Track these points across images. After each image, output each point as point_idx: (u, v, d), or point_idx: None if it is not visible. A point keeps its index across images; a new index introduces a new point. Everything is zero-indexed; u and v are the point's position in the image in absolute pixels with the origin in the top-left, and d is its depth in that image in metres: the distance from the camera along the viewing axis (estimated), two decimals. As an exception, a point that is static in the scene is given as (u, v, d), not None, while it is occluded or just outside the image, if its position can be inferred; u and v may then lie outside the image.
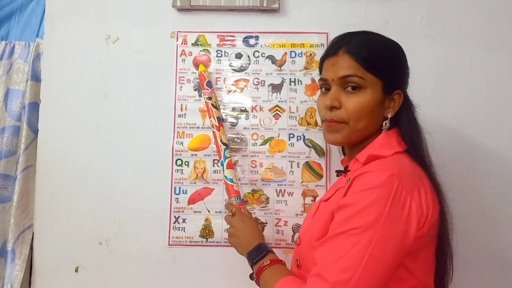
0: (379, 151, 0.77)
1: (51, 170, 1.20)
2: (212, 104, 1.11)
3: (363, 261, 0.64)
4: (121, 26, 1.23)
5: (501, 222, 1.15)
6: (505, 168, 1.16)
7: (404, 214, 0.67)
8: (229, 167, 1.05)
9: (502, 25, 1.18)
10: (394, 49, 0.83)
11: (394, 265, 0.67)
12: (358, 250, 0.65)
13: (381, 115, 0.81)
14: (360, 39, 0.80)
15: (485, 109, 1.17)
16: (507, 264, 1.14)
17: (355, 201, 0.69)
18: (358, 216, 0.67)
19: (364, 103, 0.78)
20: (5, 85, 1.29)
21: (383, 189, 0.68)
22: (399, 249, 0.67)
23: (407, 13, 1.19)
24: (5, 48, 1.30)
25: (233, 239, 0.93)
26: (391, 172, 0.69)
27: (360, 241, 0.66)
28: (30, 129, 1.26)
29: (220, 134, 1.08)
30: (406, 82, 0.85)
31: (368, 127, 0.80)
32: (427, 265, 0.76)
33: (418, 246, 0.70)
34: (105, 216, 1.19)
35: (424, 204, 0.70)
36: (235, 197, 1.02)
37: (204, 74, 1.13)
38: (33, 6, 1.30)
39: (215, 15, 1.22)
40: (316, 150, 1.18)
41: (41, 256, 1.19)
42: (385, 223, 0.66)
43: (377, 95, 0.78)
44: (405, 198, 0.68)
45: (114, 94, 1.22)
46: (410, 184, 0.70)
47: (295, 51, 1.21)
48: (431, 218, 0.70)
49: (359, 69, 0.78)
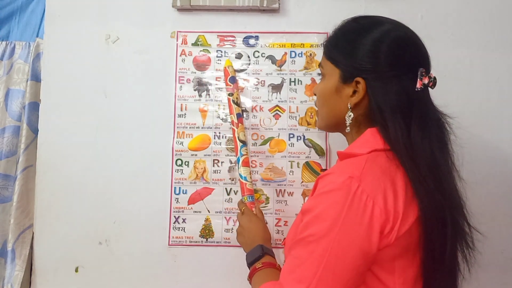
0: (355, 149, 0.72)
1: (51, 170, 1.20)
2: (233, 100, 1.09)
3: (319, 271, 0.61)
4: (121, 26, 1.23)
5: (501, 222, 1.15)
6: (505, 168, 1.16)
7: (365, 220, 0.61)
8: (244, 164, 1.04)
9: (502, 25, 1.19)
10: (353, 34, 0.75)
11: (354, 274, 0.62)
12: (314, 259, 0.62)
13: (342, 104, 0.75)
14: (334, 29, 0.81)
15: (485, 109, 1.17)
16: (507, 264, 1.14)
17: (313, 205, 0.66)
18: (314, 222, 0.64)
19: (320, 90, 0.80)
20: (5, 85, 1.29)
21: (339, 193, 0.63)
22: (359, 257, 0.62)
23: (407, 13, 1.19)
24: (6, 49, 1.30)
25: (239, 238, 0.93)
26: (351, 174, 0.64)
27: (316, 249, 0.62)
28: (30, 129, 1.26)
29: (239, 131, 1.07)
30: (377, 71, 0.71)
31: (330, 114, 0.79)
32: (407, 279, 0.67)
33: (389, 257, 0.65)
34: (105, 216, 1.19)
35: (391, 208, 0.62)
36: (248, 195, 1.01)
37: (228, 70, 1.12)
38: (33, 6, 1.30)
39: (215, 15, 1.22)
40: (316, 150, 1.18)
41: (41, 256, 1.19)
42: (341, 230, 0.61)
43: (331, 82, 0.76)
44: (366, 202, 0.62)
45: (114, 94, 1.22)
46: (373, 186, 0.63)
47: (295, 51, 1.21)
48: (400, 225, 0.63)
49: (323, 58, 0.80)
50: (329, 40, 0.80)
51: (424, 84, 0.71)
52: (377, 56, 0.71)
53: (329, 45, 0.79)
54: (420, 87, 0.70)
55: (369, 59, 0.71)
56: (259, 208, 0.99)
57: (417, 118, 0.70)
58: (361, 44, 0.73)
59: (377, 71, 0.71)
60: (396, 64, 0.71)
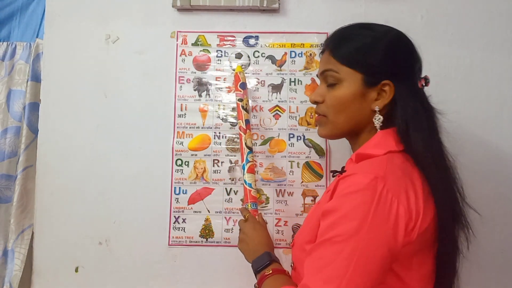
0: (371, 150, 0.74)
1: (51, 170, 1.20)
2: (243, 106, 1.07)
3: (349, 271, 0.61)
4: (121, 26, 1.23)
5: (501, 222, 1.15)
6: (505, 168, 1.16)
7: (391, 219, 0.63)
8: (250, 171, 1.02)
9: (502, 25, 1.18)
10: (372, 38, 0.77)
11: (381, 273, 0.64)
12: (343, 259, 0.62)
13: (366, 108, 0.76)
14: (339, 32, 0.80)
15: (485, 109, 1.17)
16: (507, 264, 1.14)
17: (338, 206, 0.66)
18: (340, 222, 0.64)
19: (340, 97, 0.77)
20: (7, 86, 1.29)
21: (366, 193, 0.64)
22: (387, 256, 0.63)
23: (407, 13, 1.19)
24: (7, 49, 1.30)
25: (242, 245, 0.91)
26: (376, 174, 0.65)
27: (344, 249, 0.62)
28: (30, 129, 1.26)
29: (246, 137, 1.05)
30: (400, 73, 0.76)
31: (350, 121, 0.78)
32: (423, 275, 0.70)
33: (409, 253, 0.67)
34: (105, 216, 1.19)
35: (413, 207, 0.65)
36: (252, 203, 1.00)
37: (240, 75, 1.10)
38: (33, 6, 1.30)
39: (215, 15, 1.22)
40: (316, 150, 1.18)
41: (41, 256, 1.19)
42: (370, 229, 0.62)
43: (355, 87, 0.75)
44: (392, 201, 0.64)
45: (114, 94, 1.22)
46: (397, 186, 0.66)
47: (295, 51, 1.21)
48: (421, 222, 0.65)
49: (335, 63, 0.77)
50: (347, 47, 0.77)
51: (423, 85, 0.77)
52: (396, 59, 0.76)
53: (343, 50, 0.77)
54: (421, 86, 0.77)
55: (391, 62, 0.76)
56: (261, 216, 0.98)
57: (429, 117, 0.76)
58: (387, 46, 0.76)
59: (398, 73, 0.76)
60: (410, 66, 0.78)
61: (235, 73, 1.11)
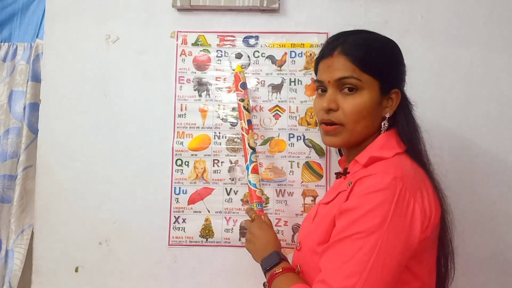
0: (380, 153, 0.77)
1: (51, 170, 1.20)
2: (244, 107, 1.08)
3: (368, 266, 0.63)
4: (121, 26, 1.23)
5: (501, 222, 1.15)
6: (505, 168, 1.16)
7: (408, 217, 0.67)
8: (254, 171, 1.02)
9: (502, 25, 1.18)
10: (389, 48, 0.82)
11: (399, 269, 0.67)
12: (363, 255, 0.64)
13: (379, 115, 0.80)
14: (355, 39, 0.80)
15: (485, 109, 1.17)
16: (507, 264, 1.14)
17: (358, 204, 0.68)
18: (362, 220, 0.67)
19: (361, 105, 0.77)
20: (9, 86, 1.29)
21: (387, 192, 0.67)
22: (404, 253, 0.66)
23: (407, 13, 1.19)
24: (8, 50, 1.30)
25: (249, 245, 0.92)
26: (394, 174, 0.69)
27: (364, 245, 0.65)
28: (30, 129, 1.26)
29: (249, 138, 1.05)
30: (403, 80, 0.84)
31: (366, 129, 0.80)
32: (430, 267, 0.75)
33: (423, 249, 0.70)
34: (105, 216, 1.19)
35: (427, 205, 0.69)
36: (257, 203, 1.00)
37: (240, 75, 1.10)
38: (34, 7, 1.30)
39: (215, 15, 1.22)
40: (316, 150, 1.18)
41: (41, 256, 1.19)
42: (389, 227, 0.65)
43: (374, 95, 0.78)
44: (409, 200, 0.67)
45: (114, 94, 1.22)
46: (413, 186, 0.69)
47: (295, 51, 1.21)
48: (434, 219, 0.70)
49: (355, 70, 0.77)
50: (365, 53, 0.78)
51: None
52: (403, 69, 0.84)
53: (365, 58, 0.77)
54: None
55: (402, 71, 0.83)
56: (267, 216, 0.98)
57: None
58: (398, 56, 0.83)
59: (402, 81, 0.83)
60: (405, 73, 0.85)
61: (235, 73, 1.11)
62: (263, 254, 0.87)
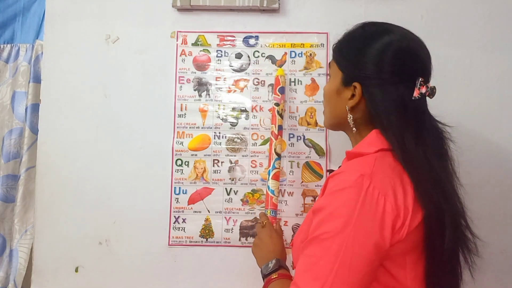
0: (362, 149, 0.74)
1: (51, 170, 1.20)
2: (278, 111, 1.08)
3: (335, 267, 0.62)
4: (121, 26, 1.23)
5: (501, 222, 1.15)
6: (505, 168, 1.16)
7: (378, 216, 0.63)
8: (275, 178, 1.04)
9: (502, 25, 1.18)
10: (358, 40, 0.77)
11: (369, 270, 0.64)
12: (330, 256, 0.62)
13: (341, 105, 0.79)
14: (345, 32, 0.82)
15: (485, 109, 1.17)
16: (507, 264, 1.14)
17: (325, 204, 0.67)
18: (328, 219, 0.65)
19: (325, 90, 0.84)
20: (11, 87, 1.29)
21: (352, 190, 0.65)
22: (373, 253, 0.63)
23: (407, 13, 1.19)
24: (11, 51, 1.30)
25: (256, 250, 0.93)
26: (361, 171, 0.66)
27: (331, 246, 0.63)
28: (31, 130, 1.26)
29: (277, 143, 1.06)
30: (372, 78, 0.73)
31: (332, 115, 0.83)
32: (417, 273, 0.69)
33: (401, 252, 0.66)
34: (105, 216, 1.19)
35: (401, 204, 0.65)
36: (272, 210, 1.01)
37: (280, 79, 1.11)
38: (35, 8, 1.30)
39: (215, 15, 1.22)
40: (316, 150, 1.18)
41: (41, 256, 1.19)
42: (356, 226, 0.63)
43: (335, 84, 0.80)
44: (378, 198, 0.64)
45: (114, 94, 1.22)
46: (384, 184, 0.66)
47: (295, 51, 1.21)
48: (411, 220, 0.65)
49: (332, 60, 0.83)
50: (338, 44, 0.82)
51: (421, 93, 0.72)
52: (377, 64, 0.73)
53: (336, 48, 0.82)
54: (417, 96, 0.72)
55: (369, 66, 0.74)
56: (279, 225, 0.99)
57: (411, 126, 0.71)
58: (363, 51, 0.75)
59: (375, 78, 0.74)
60: (394, 73, 0.73)
61: (276, 76, 1.12)
62: (266, 261, 0.88)
